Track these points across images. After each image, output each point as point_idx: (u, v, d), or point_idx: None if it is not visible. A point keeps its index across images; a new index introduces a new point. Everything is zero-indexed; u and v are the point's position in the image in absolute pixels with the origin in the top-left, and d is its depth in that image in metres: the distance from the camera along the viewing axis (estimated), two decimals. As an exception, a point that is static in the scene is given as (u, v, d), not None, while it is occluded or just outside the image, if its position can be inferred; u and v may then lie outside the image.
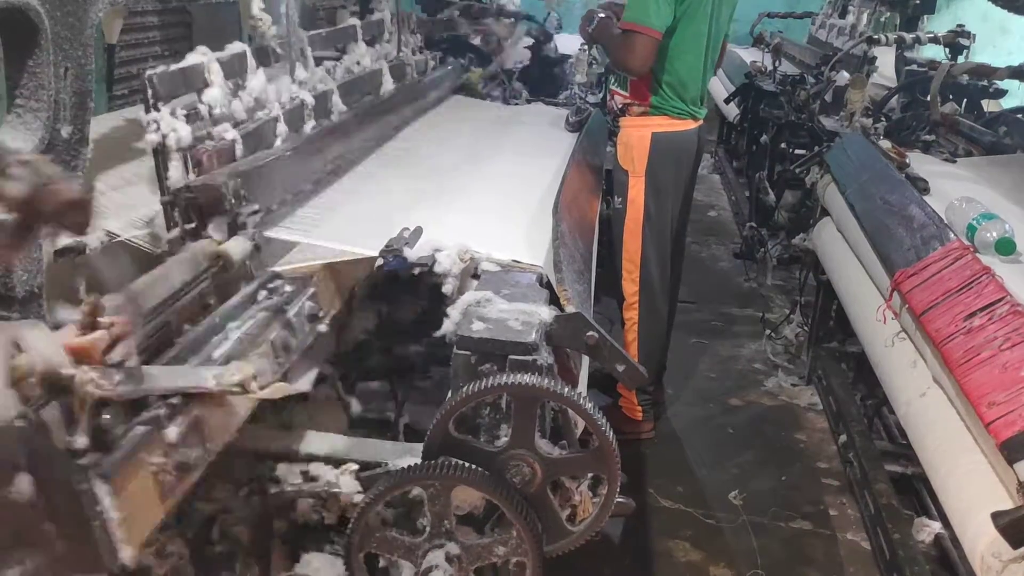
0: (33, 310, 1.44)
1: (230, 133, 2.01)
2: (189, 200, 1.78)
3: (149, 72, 1.82)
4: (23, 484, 1.06)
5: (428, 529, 1.54)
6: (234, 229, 1.80)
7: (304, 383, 1.72)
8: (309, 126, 2.46)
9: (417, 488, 1.53)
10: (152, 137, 1.81)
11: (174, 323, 1.54)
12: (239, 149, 2.04)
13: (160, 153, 1.82)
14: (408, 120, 3.24)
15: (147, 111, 1.82)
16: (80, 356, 1.15)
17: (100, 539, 1.12)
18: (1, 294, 1.42)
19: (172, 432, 1.27)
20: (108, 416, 1.19)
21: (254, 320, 1.61)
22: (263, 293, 1.74)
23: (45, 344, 1.12)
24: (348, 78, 2.89)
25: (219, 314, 1.59)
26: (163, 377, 1.29)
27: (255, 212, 1.83)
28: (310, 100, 2.46)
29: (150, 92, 1.81)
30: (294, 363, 1.69)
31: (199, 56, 2.03)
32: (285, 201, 2.11)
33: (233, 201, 1.80)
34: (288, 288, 1.78)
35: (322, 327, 1.84)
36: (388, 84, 3.17)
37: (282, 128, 2.28)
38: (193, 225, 1.79)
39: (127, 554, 1.15)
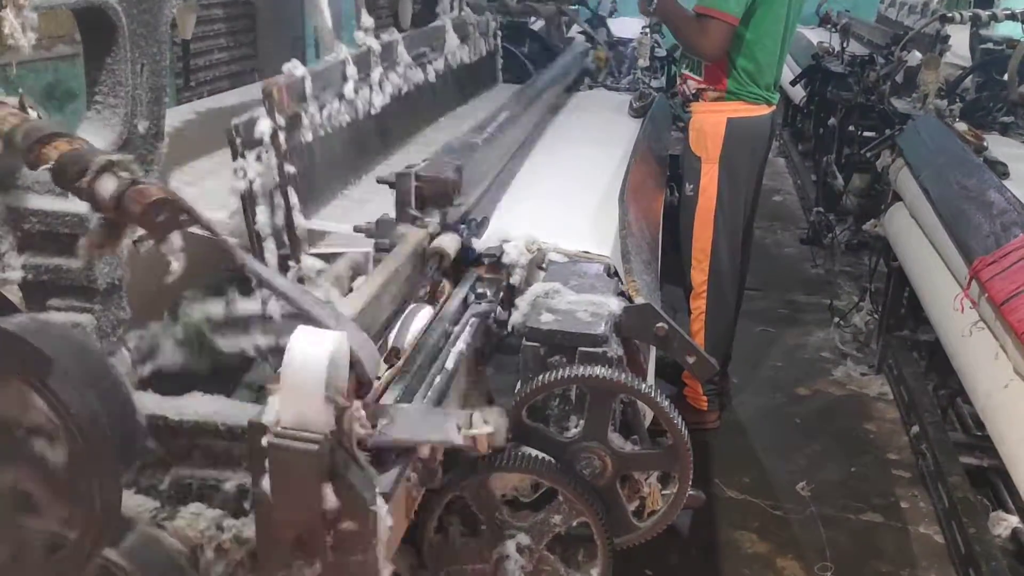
0: (114, 302, 1.49)
1: (299, 70, 1.97)
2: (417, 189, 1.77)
3: (234, 121, 1.80)
4: (329, 496, 1.05)
5: (485, 528, 1.55)
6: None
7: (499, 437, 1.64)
8: (376, 73, 2.44)
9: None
10: (239, 184, 1.79)
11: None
12: (308, 86, 2.02)
13: (247, 199, 1.80)
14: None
15: (234, 158, 1.79)
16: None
17: (375, 556, 1.10)
18: (84, 286, 1.47)
19: (424, 450, 1.24)
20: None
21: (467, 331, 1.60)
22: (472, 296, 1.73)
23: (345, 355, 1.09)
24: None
25: (443, 318, 1.58)
26: (412, 426, 1.22)
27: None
28: (376, 47, 2.43)
29: (238, 140, 1.77)
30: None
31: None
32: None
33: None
34: (488, 290, 1.76)
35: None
36: (452, 40, 3.15)
37: (351, 70, 2.26)
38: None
39: (388, 571, 1.14)
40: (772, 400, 3.80)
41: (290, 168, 1.86)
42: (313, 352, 1.03)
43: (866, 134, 4.83)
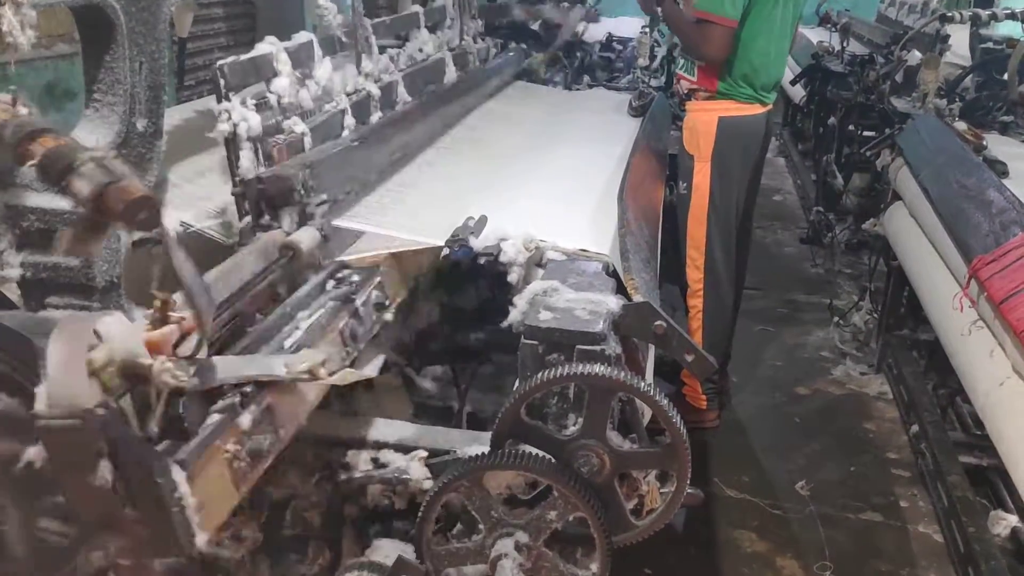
0: (112, 300, 1.49)
1: (300, 127, 2.03)
2: (260, 191, 1.80)
3: (220, 62, 1.85)
4: (104, 471, 1.09)
5: (482, 526, 1.55)
6: (303, 219, 1.82)
7: (371, 369, 1.74)
8: (375, 117, 2.48)
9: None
10: (223, 127, 1.83)
11: (247, 313, 1.57)
12: (308, 142, 2.06)
13: (231, 142, 1.85)
14: (471, 107, 3.24)
15: (218, 101, 1.84)
16: (154, 349, 1.18)
17: (178, 524, 1.14)
18: (82, 284, 1.47)
19: (245, 420, 1.29)
20: (184, 405, 1.22)
21: (323, 309, 1.63)
22: (331, 283, 1.75)
23: (124, 335, 1.15)
24: (411, 66, 2.89)
25: (289, 304, 1.61)
26: (235, 367, 1.32)
27: (323, 202, 1.85)
28: (376, 92, 2.47)
29: (221, 82, 1.83)
30: (362, 351, 1.71)
31: (267, 46, 2.05)
32: (352, 191, 2.12)
33: (302, 192, 1.82)
34: (356, 278, 1.79)
35: (388, 315, 1.85)
36: (451, 73, 3.18)
37: (350, 120, 2.30)
38: (263, 216, 1.81)
39: (203, 539, 1.17)
40: (771, 399, 3.80)
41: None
42: (71, 337, 1.09)
43: (866, 133, 4.83)
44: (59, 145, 1.12)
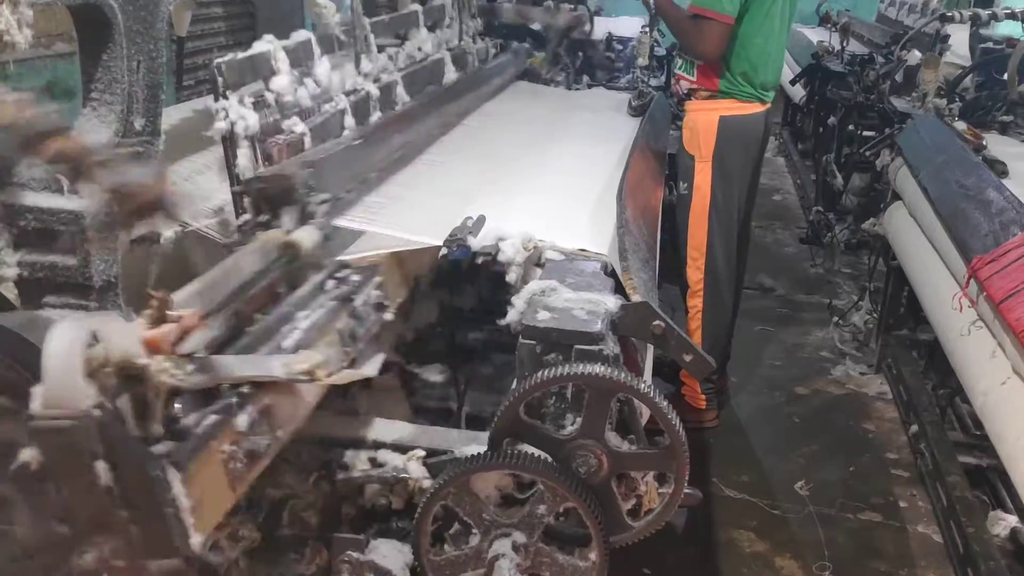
0: (110, 299, 1.49)
1: (299, 127, 2.03)
2: (260, 190, 1.80)
3: (217, 60, 1.85)
4: (100, 472, 1.09)
5: (475, 530, 1.55)
6: (303, 218, 1.81)
7: (370, 368, 1.73)
8: (375, 117, 2.47)
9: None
10: (221, 125, 1.83)
11: (246, 313, 1.56)
12: (308, 142, 2.06)
13: (229, 141, 1.84)
14: (472, 107, 3.23)
15: (216, 99, 1.84)
16: (151, 348, 1.18)
17: (173, 525, 1.14)
18: (79, 283, 1.47)
19: (242, 420, 1.29)
20: (180, 405, 1.22)
21: (323, 309, 1.63)
22: (331, 282, 1.75)
23: (121, 335, 1.15)
24: (410, 65, 2.89)
25: (289, 303, 1.61)
26: (233, 366, 1.32)
27: (324, 202, 1.85)
28: (375, 92, 2.47)
29: (219, 80, 1.83)
30: (361, 352, 1.70)
31: (266, 44, 2.05)
32: (353, 190, 2.12)
33: (303, 191, 1.81)
34: (356, 277, 1.79)
35: (388, 315, 1.85)
36: (451, 73, 3.17)
37: (349, 120, 2.30)
38: (263, 215, 1.81)
39: (198, 540, 1.17)
40: (771, 399, 3.80)
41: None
42: (65, 339, 1.09)
43: (866, 133, 4.82)
44: (77, 144, 1.13)
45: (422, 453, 1.65)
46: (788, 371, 4.02)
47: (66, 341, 1.08)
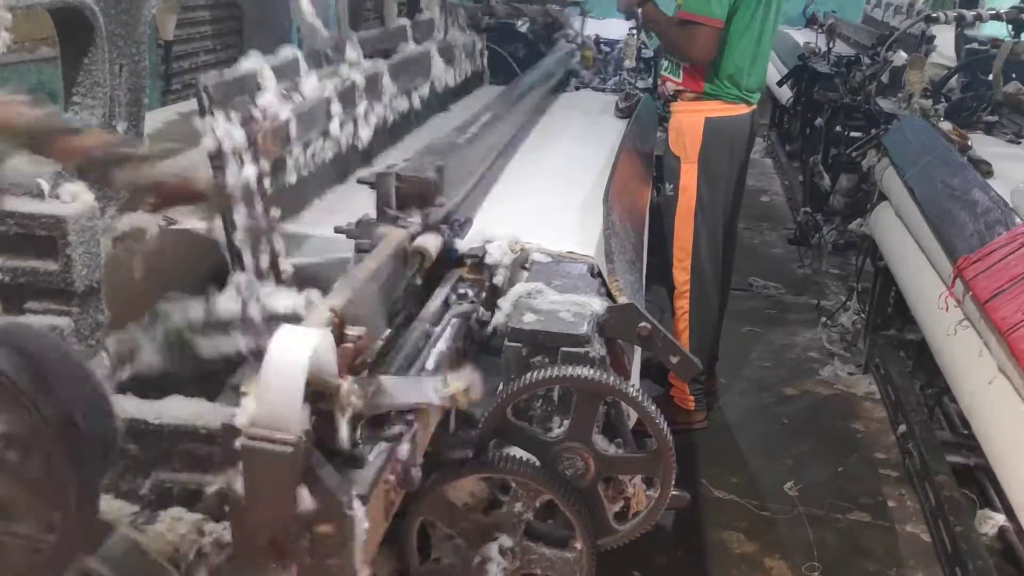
0: (92, 305, 1.47)
1: (285, 113, 1.99)
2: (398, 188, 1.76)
3: (203, 80, 1.81)
4: (304, 499, 1.04)
5: (458, 538, 1.54)
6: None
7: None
8: (362, 108, 2.44)
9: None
10: (208, 142, 1.79)
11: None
12: (294, 128, 2.02)
13: (216, 159, 1.81)
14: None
15: (201, 116, 1.80)
16: (343, 367, 1.12)
17: (350, 558, 1.09)
18: (61, 288, 1.45)
19: (404, 449, 1.23)
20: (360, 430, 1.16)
21: (451, 328, 1.58)
22: (454, 296, 1.72)
23: (326, 350, 1.08)
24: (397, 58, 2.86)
25: (423, 319, 1.57)
26: (400, 391, 1.23)
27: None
28: (361, 81, 2.44)
29: (205, 99, 1.79)
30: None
31: (252, 63, 2.01)
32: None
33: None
34: (471, 292, 1.74)
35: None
36: (438, 65, 3.15)
37: (336, 108, 2.27)
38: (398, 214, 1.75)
39: (365, 573, 1.12)
40: (759, 400, 3.81)
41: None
42: (292, 352, 1.01)
43: (852, 134, 4.84)
44: (107, 141, 1.12)
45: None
46: (777, 372, 4.03)
47: (296, 354, 1.01)
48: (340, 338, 1.15)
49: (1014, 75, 4.25)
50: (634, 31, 4.59)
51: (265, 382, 1.01)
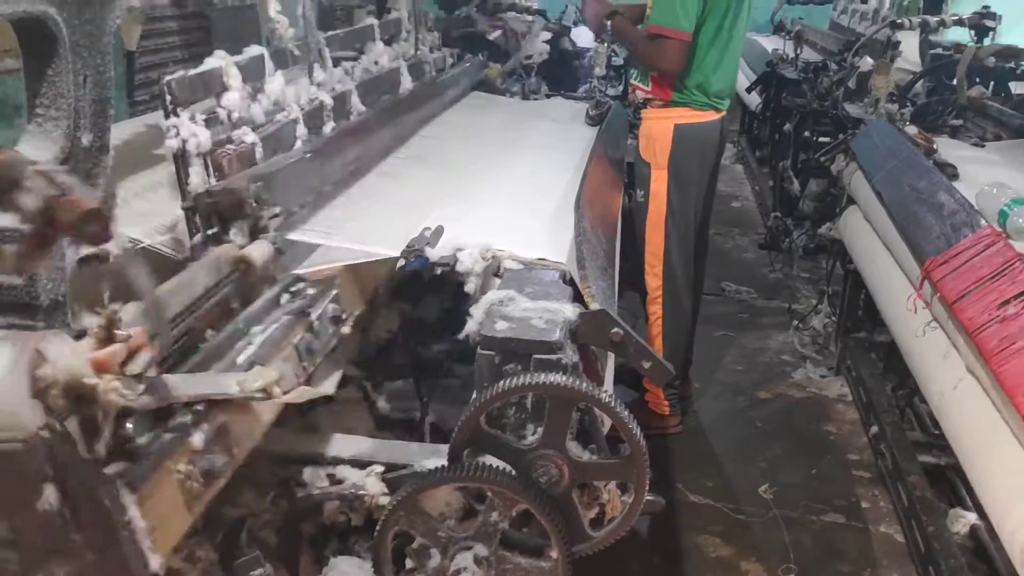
0: (57, 318, 1.45)
1: (250, 136, 2.01)
2: (210, 205, 1.77)
3: (167, 78, 1.82)
4: (50, 495, 1.06)
5: (432, 549, 1.54)
6: (256, 233, 1.79)
7: (328, 386, 1.71)
8: (329, 127, 2.45)
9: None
10: (172, 143, 1.80)
11: (198, 329, 1.54)
12: (259, 152, 2.04)
13: (180, 159, 1.82)
14: (428, 118, 3.23)
15: (166, 116, 1.81)
16: (100, 368, 1.15)
17: (129, 548, 1.12)
18: (26, 303, 1.43)
19: (197, 439, 1.27)
20: (132, 425, 1.19)
21: (278, 324, 1.61)
22: (286, 297, 1.73)
23: (69, 354, 1.12)
24: (366, 78, 2.88)
25: (243, 319, 1.59)
26: (186, 385, 1.29)
27: (276, 215, 1.83)
28: (329, 101, 2.45)
29: (168, 98, 1.80)
30: (318, 366, 1.68)
31: (217, 61, 2.02)
32: (307, 203, 2.10)
33: (254, 205, 1.79)
34: (311, 291, 1.77)
35: (345, 329, 1.83)
36: (407, 83, 3.16)
37: (302, 130, 2.28)
38: (215, 230, 1.78)
39: (156, 562, 1.15)
40: (733, 404, 3.83)
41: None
42: (10, 360, 1.07)
43: (821, 139, 4.89)
44: (2, 160, 1.10)
45: (380, 468, 1.64)
46: (750, 375, 4.05)
47: (9, 360, 1.05)
48: (107, 340, 1.18)
49: (978, 79, 4.32)
50: (604, 39, 4.61)
51: None
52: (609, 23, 3.36)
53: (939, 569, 2.48)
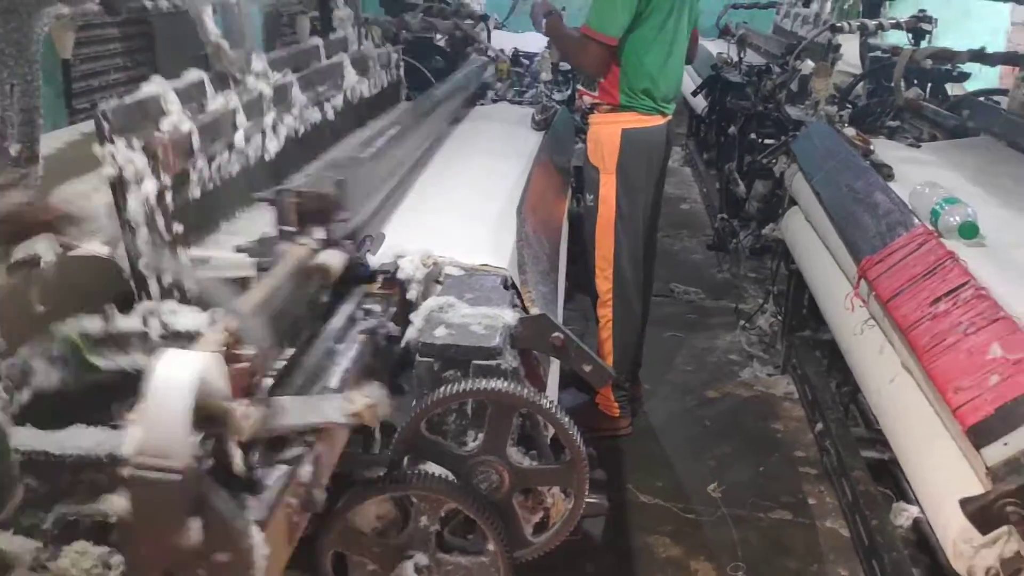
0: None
1: (186, 124, 1.94)
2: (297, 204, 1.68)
3: (102, 106, 1.75)
4: (194, 530, 1.00)
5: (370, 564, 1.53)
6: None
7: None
8: (269, 118, 2.40)
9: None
10: (108, 171, 1.74)
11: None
12: (196, 141, 1.98)
13: (118, 186, 1.76)
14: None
15: (101, 144, 1.74)
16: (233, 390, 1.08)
17: None
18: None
19: (306, 472, 1.20)
20: (258, 454, 1.13)
21: (356, 344, 1.56)
22: (360, 312, 1.69)
23: (219, 376, 1.04)
24: (307, 70, 2.81)
25: (327, 337, 1.54)
26: (299, 411, 1.21)
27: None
28: (269, 92, 2.39)
29: (105, 126, 1.72)
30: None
31: (155, 87, 1.96)
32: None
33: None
34: (378, 307, 1.72)
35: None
36: (351, 76, 3.12)
37: (242, 119, 2.22)
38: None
39: None
40: (682, 404, 3.86)
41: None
42: (175, 377, 0.98)
43: (766, 141, 4.96)
44: None
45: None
46: (699, 375, 4.10)
47: (180, 379, 0.97)
48: (233, 359, 1.12)
49: (915, 81, 4.44)
50: (551, 45, 4.64)
51: (149, 409, 0.98)
52: (545, 21, 3.39)
53: (882, 562, 2.52)
